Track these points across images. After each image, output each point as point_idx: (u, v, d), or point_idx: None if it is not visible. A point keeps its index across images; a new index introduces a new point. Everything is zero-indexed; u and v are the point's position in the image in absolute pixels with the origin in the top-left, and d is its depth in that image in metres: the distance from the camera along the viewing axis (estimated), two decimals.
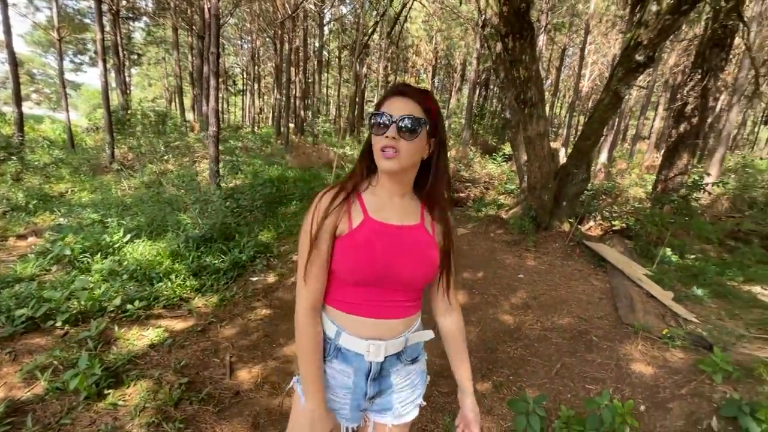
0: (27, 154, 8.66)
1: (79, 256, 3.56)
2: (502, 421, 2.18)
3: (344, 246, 0.89)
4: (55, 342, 2.40)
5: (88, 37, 23.61)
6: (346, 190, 0.92)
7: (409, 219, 0.95)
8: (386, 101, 0.89)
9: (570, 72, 23.42)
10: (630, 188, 8.87)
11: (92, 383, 2.00)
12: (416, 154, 0.90)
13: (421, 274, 0.94)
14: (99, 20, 9.19)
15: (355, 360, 0.95)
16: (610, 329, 2.93)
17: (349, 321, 0.94)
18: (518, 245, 4.56)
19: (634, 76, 3.72)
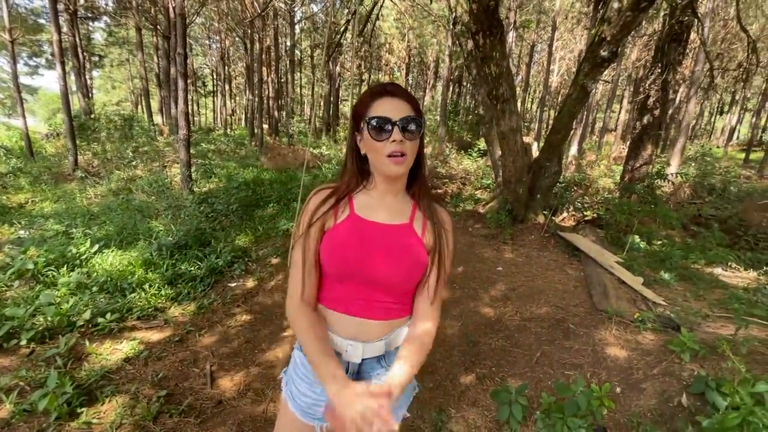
0: None
1: (43, 269, 3.38)
2: (487, 412, 2.22)
3: (327, 239, 0.90)
4: (20, 362, 2.27)
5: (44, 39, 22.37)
6: (339, 193, 0.93)
7: (397, 218, 0.94)
8: (376, 103, 0.87)
9: (539, 68, 24.05)
10: (600, 179, 9.21)
11: (63, 402, 1.91)
12: (416, 153, 0.91)
13: (400, 274, 0.90)
14: (55, 20, 8.73)
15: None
16: (586, 316, 3.04)
17: (334, 318, 0.94)
18: (496, 239, 4.65)
19: (600, 70, 3.85)
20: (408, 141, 0.86)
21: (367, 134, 0.86)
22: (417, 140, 0.88)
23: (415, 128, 0.86)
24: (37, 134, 14.72)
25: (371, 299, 0.92)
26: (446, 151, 11.39)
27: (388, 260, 0.89)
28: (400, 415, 1.04)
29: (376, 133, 0.85)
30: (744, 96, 20.50)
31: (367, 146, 0.89)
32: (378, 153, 0.87)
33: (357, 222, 0.91)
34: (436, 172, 9.24)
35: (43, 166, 9.11)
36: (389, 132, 0.84)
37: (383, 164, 0.87)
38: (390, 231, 0.92)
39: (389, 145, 0.84)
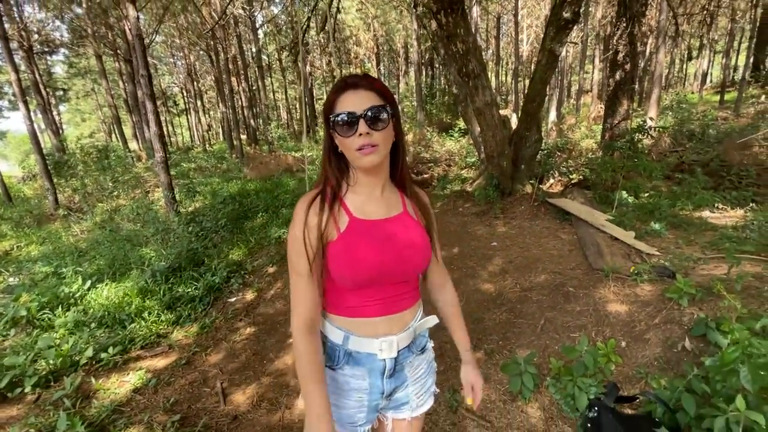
0: None
1: (37, 314, 3.32)
2: (499, 386, 2.25)
3: (336, 252, 0.86)
4: (27, 409, 2.24)
5: (2, 80, 21.73)
6: (327, 196, 0.89)
7: (393, 210, 0.94)
8: (339, 99, 0.85)
9: (508, 39, 23.99)
10: (582, 141, 9.27)
11: None
12: (389, 141, 0.88)
13: (420, 260, 0.93)
14: (10, 59, 8.48)
15: (368, 361, 0.93)
16: (584, 277, 3.07)
17: (358, 324, 0.92)
18: (487, 215, 4.67)
19: (565, 33, 3.85)
20: (376, 131, 0.83)
21: (336, 132, 0.85)
22: (388, 127, 0.86)
23: (382, 116, 0.84)
24: (13, 178, 14.40)
25: (395, 294, 0.93)
26: (428, 135, 11.36)
27: (409, 252, 0.90)
28: (432, 392, 1.08)
29: (343, 129, 0.84)
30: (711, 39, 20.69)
31: (340, 143, 0.87)
32: (348, 148, 0.85)
33: (362, 226, 0.89)
34: (420, 158, 9.23)
35: (24, 209, 8.93)
36: (355, 126, 0.82)
37: (355, 159, 0.86)
38: (394, 225, 0.92)
39: (357, 138, 0.82)
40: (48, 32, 15.22)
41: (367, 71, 24.45)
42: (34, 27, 13.95)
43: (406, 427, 1.05)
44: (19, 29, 12.10)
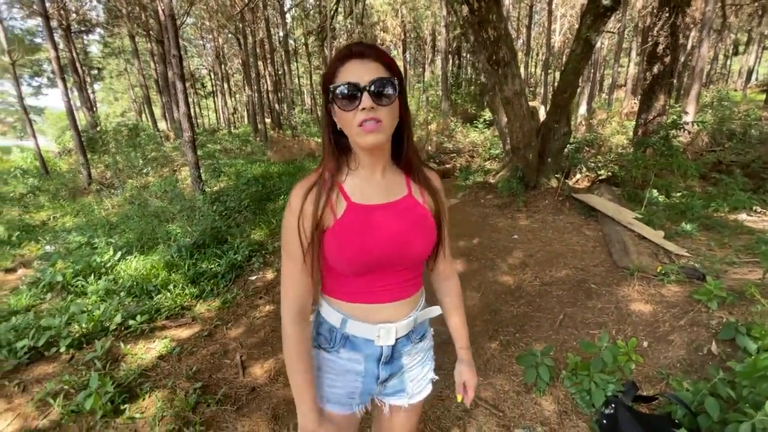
0: (0, 187, 8.41)
1: (72, 280, 3.51)
2: (514, 377, 2.24)
3: (332, 240, 0.82)
4: (62, 367, 2.38)
5: (43, 57, 22.61)
6: (324, 183, 0.83)
7: (396, 193, 0.88)
8: (342, 68, 0.77)
9: (540, 29, 23.18)
10: (612, 137, 8.94)
11: (107, 401, 2.00)
12: (395, 119, 0.81)
13: (422, 247, 0.88)
14: (50, 38, 8.78)
15: (365, 346, 0.91)
16: (607, 275, 3.00)
17: (356, 309, 0.89)
18: (509, 207, 4.60)
19: (603, 21, 3.69)
20: (381, 107, 0.75)
21: (336, 106, 0.77)
22: (394, 104, 0.78)
23: (389, 91, 0.76)
24: (50, 153, 15.08)
25: (396, 282, 0.89)
26: (451, 125, 11.20)
27: (411, 238, 0.86)
28: (429, 379, 1.06)
29: (343, 103, 0.76)
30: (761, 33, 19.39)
31: (340, 119, 0.79)
32: (349, 124, 0.77)
33: (360, 211, 0.83)
34: (443, 147, 9.12)
35: (59, 183, 9.35)
36: (358, 99, 0.74)
37: (356, 135, 0.78)
38: (396, 209, 0.86)
39: (359, 113, 0.74)
40: (85, 11, 15.67)
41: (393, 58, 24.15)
42: (73, 6, 14.39)
43: (403, 413, 1.03)
44: (59, 8, 12.51)
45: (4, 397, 2.12)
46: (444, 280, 1.08)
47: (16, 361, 2.37)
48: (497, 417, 1.96)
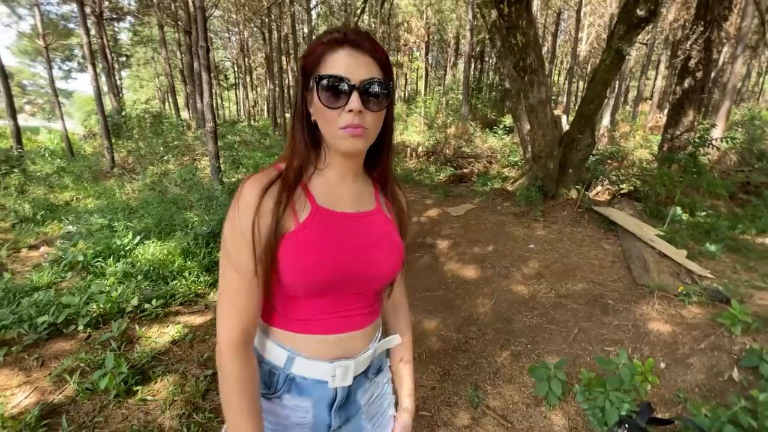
0: (28, 166, 8.69)
1: (92, 261, 3.59)
2: (524, 388, 2.21)
3: (290, 248, 0.66)
4: (79, 345, 2.44)
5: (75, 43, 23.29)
6: (287, 181, 0.69)
7: (365, 204, 0.77)
8: (331, 56, 0.65)
9: (566, 37, 22.84)
10: (635, 150, 8.75)
11: (120, 381, 2.04)
12: (380, 126, 0.70)
13: (391, 267, 0.76)
14: (83, 23, 9.04)
15: (316, 389, 0.74)
16: (626, 291, 2.93)
17: (306, 342, 0.72)
18: (526, 216, 4.54)
19: (636, 32, 3.61)
20: (370, 112, 0.65)
21: (317, 98, 0.65)
22: (383, 111, 0.68)
23: (381, 94, 0.66)
24: (76, 135, 15.52)
25: (358, 307, 0.75)
26: (470, 130, 11.12)
27: (378, 256, 0.73)
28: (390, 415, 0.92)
29: (328, 99, 0.64)
30: None
31: (318, 113, 0.67)
32: (330, 124, 0.66)
33: (327, 217, 0.70)
34: (461, 152, 9.06)
35: (84, 165, 9.60)
36: (345, 97, 0.63)
37: (336, 138, 0.66)
38: (365, 221, 0.75)
39: (345, 115, 0.64)
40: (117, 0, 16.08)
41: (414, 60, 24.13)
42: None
43: None
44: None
45: (23, 370, 2.19)
46: (394, 307, 0.94)
47: (36, 336, 2.43)
48: (505, 428, 1.94)
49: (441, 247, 3.98)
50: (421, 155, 9.17)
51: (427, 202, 5.46)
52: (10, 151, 9.28)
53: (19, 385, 2.09)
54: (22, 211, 5.73)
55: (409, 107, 15.59)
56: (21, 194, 6.97)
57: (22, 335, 2.45)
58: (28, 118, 38.38)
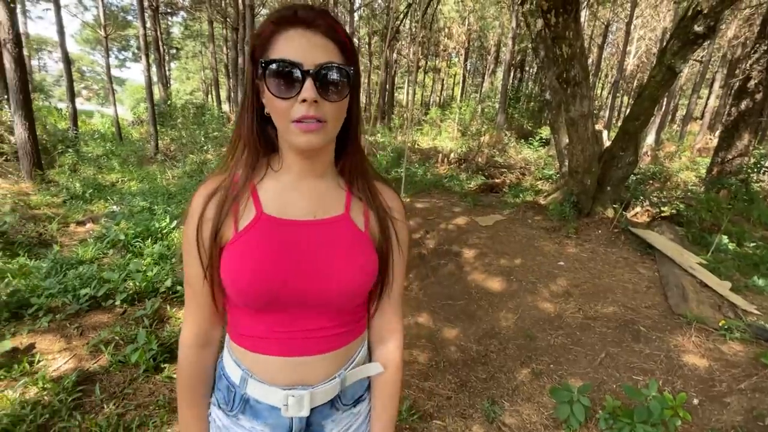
0: (81, 147, 9.29)
1: (132, 240, 3.80)
2: (543, 409, 2.14)
3: (229, 258, 0.62)
4: (115, 319, 2.59)
5: (131, 34, 24.73)
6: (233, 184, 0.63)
7: (326, 209, 0.66)
8: (280, 36, 0.56)
9: (613, 49, 22.02)
10: (680, 172, 8.31)
11: (150, 357, 2.15)
12: (342, 117, 0.62)
13: (351, 284, 0.65)
14: (141, 16, 9.59)
15: (270, 415, 0.67)
16: (660, 319, 2.79)
17: (258, 363, 0.66)
18: (558, 232, 4.40)
19: (692, 48, 3.43)
20: (328, 102, 0.56)
21: (266, 87, 0.57)
22: (344, 100, 0.60)
23: (341, 82, 0.57)
24: (125, 121, 16.44)
25: (311, 328, 0.66)
26: (505, 140, 10.93)
27: (331, 271, 0.63)
28: None
29: (277, 87, 0.55)
30: None
31: (269, 105, 0.59)
32: (281, 116, 0.58)
33: (270, 225, 0.63)
34: (493, 161, 8.92)
35: (130, 149, 10.17)
36: (298, 85, 0.55)
37: (288, 132, 0.58)
38: (320, 230, 0.65)
39: (298, 106, 0.55)
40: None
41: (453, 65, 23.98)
42: None
43: None
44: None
45: (64, 338, 2.34)
46: (384, 334, 0.78)
47: (78, 306, 2.60)
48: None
49: (466, 257, 3.93)
50: (452, 162, 9.10)
51: (456, 209, 5.41)
52: (67, 132, 9.95)
53: (60, 351, 2.23)
54: (73, 189, 6.13)
55: (443, 113, 15.50)
56: (73, 173, 7.46)
57: (65, 304, 2.62)
58: (84, 102, 41.03)
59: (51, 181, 6.54)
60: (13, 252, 3.60)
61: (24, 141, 6.27)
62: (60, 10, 9.52)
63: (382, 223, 0.69)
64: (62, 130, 10.20)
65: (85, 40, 33.62)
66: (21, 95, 6.07)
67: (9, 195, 5.46)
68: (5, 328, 2.34)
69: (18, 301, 2.55)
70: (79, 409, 1.85)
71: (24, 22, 15.79)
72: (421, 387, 2.28)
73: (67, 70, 10.26)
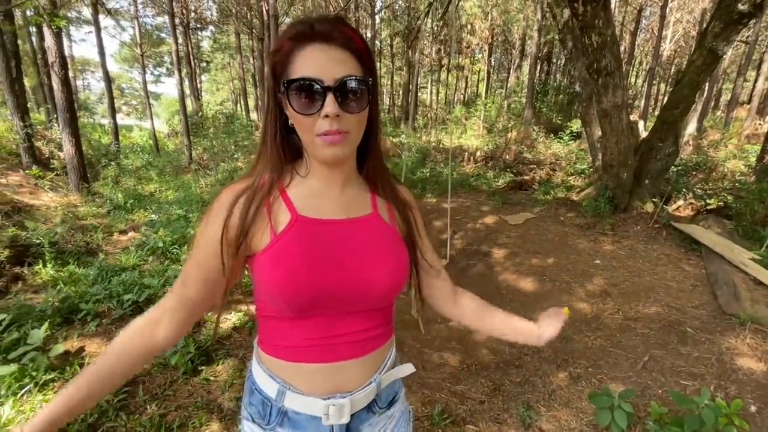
0: (122, 160, 9.84)
1: (169, 247, 3.98)
2: (582, 414, 2.05)
3: (267, 262, 0.61)
4: None
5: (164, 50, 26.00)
6: (260, 187, 0.63)
7: (356, 210, 0.68)
8: (300, 53, 0.57)
9: (647, 35, 20.95)
10: (726, 161, 7.77)
11: (188, 360, 2.23)
12: (363, 127, 0.63)
13: (390, 279, 0.66)
14: (173, 32, 10.06)
15: (310, 425, 0.68)
16: (709, 320, 2.61)
17: (296, 373, 0.67)
18: (593, 229, 4.22)
19: (736, 29, 3.20)
20: (349, 114, 0.58)
21: (290, 105, 0.58)
22: (365, 111, 0.61)
23: (361, 93, 0.59)
24: (161, 133, 17.29)
25: (347, 331, 0.66)
26: (533, 135, 10.62)
27: (370, 267, 0.64)
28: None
29: (300, 105, 0.57)
30: None
31: (293, 120, 0.61)
32: (306, 131, 0.60)
33: (306, 226, 0.63)
34: (521, 158, 8.69)
35: (166, 160, 10.68)
36: (320, 101, 0.56)
37: (314, 146, 0.60)
38: (354, 228, 0.66)
39: (321, 121, 0.57)
40: (202, 11, 17.67)
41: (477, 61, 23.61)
42: (193, 6, 16.31)
43: None
44: (182, 7, 14.25)
45: (110, 341, 2.47)
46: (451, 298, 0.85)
47: (122, 311, 2.74)
48: None
49: (496, 257, 3.84)
50: (478, 160, 8.94)
51: (484, 208, 5.30)
52: (110, 146, 10.58)
53: None
54: (115, 200, 6.51)
55: (468, 110, 15.27)
56: (116, 184, 7.92)
57: (111, 309, 2.77)
58: (124, 117, 43.51)
59: (96, 193, 6.97)
60: (64, 260, 3.85)
61: (71, 156, 6.72)
62: (100, 31, 10.14)
63: (404, 214, 0.74)
64: (105, 144, 10.86)
65: (123, 59, 35.64)
66: (68, 114, 6.51)
67: (59, 207, 5.86)
68: (58, 332, 2.50)
69: (69, 306, 2.73)
70: (125, 410, 1.94)
71: (69, 45, 16.98)
72: (453, 390, 2.24)
73: (108, 88, 10.91)
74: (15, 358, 2.07)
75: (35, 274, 3.55)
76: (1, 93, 8.27)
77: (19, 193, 6.27)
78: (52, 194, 6.68)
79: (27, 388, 1.94)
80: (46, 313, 2.57)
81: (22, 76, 7.73)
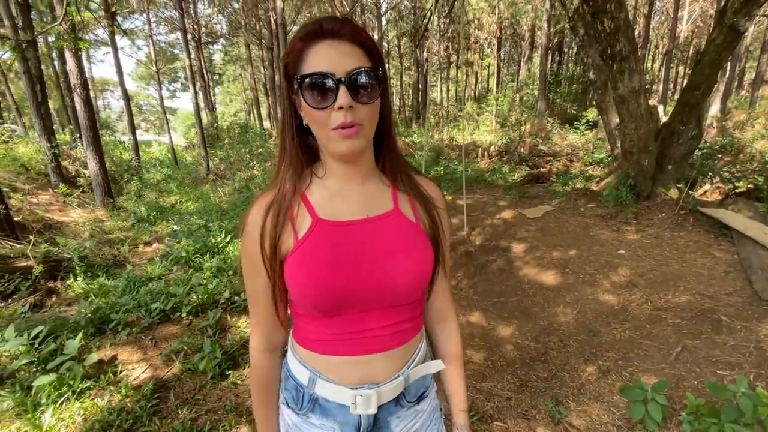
0: (143, 174, 10.15)
1: (192, 256, 4.08)
2: (614, 408, 2.00)
3: (293, 267, 0.65)
4: (183, 330, 2.78)
5: (178, 66, 26.71)
6: (283, 197, 0.66)
7: (376, 207, 0.69)
8: (310, 51, 0.60)
9: (662, 17, 20.29)
10: (754, 142, 7.45)
11: (215, 365, 2.28)
12: (376, 118, 0.65)
13: (414, 275, 0.67)
14: (186, 48, 10.32)
15: (339, 413, 0.71)
16: (745, 307, 2.50)
17: (326, 364, 0.70)
18: (615, 218, 4.11)
19: (757, 3, 3.07)
20: (362, 105, 0.60)
21: (303, 100, 0.61)
22: (377, 102, 0.63)
23: (370, 83, 0.60)
24: (179, 146, 17.75)
25: (375, 326, 0.68)
26: (548, 127, 10.43)
27: (393, 265, 0.66)
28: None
29: (314, 99, 0.59)
30: None
31: (308, 116, 0.63)
32: (321, 126, 0.61)
33: (326, 229, 0.66)
34: (537, 150, 8.54)
35: (185, 172, 10.96)
36: (333, 94, 0.58)
37: (329, 140, 0.62)
38: (374, 227, 0.67)
39: (336, 114, 0.59)
40: (212, 25, 18.08)
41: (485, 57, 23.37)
42: (203, 21, 16.71)
43: None
44: (193, 23, 14.62)
45: (141, 349, 2.55)
46: (440, 320, 0.84)
47: (151, 320, 2.82)
48: None
49: (516, 251, 3.78)
50: (493, 155, 8.84)
51: (501, 203, 5.23)
52: (131, 162, 10.93)
53: (138, 361, 2.44)
54: (139, 213, 6.72)
55: (479, 106, 15.12)
56: (138, 198, 8.17)
57: (140, 318, 2.86)
58: (143, 133, 44.86)
59: (120, 207, 7.22)
60: (94, 273, 4.00)
61: (96, 173, 6.97)
62: (117, 52, 10.51)
63: (429, 211, 0.73)
64: (126, 160, 11.23)
65: (140, 77, 36.79)
66: (91, 133, 6.77)
67: (87, 222, 6.09)
68: (91, 342, 2.59)
69: (101, 317, 2.83)
70: (158, 415, 2.00)
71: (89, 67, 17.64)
72: (479, 388, 2.22)
73: (127, 105, 11.29)
74: (53, 368, 2.16)
75: (68, 288, 3.70)
76: (29, 117, 8.65)
77: (49, 211, 6.55)
78: (79, 210, 6.95)
79: (65, 397, 2.03)
80: (80, 324, 2.67)
81: (47, 99, 8.08)
